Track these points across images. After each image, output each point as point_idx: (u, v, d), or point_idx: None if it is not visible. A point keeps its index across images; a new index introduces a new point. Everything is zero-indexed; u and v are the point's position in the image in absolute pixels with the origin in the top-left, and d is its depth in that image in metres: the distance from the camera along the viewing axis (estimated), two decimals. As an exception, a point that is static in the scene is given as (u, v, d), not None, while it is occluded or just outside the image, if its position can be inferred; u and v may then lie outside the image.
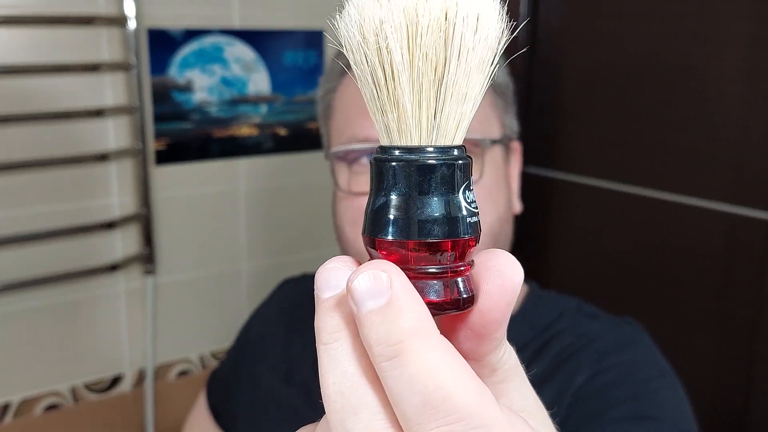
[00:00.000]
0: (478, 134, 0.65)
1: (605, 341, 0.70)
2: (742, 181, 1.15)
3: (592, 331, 0.71)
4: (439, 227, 0.29)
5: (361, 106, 0.64)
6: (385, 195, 0.30)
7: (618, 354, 0.69)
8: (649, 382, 0.67)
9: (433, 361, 0.25)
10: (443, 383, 0.25)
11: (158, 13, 1.50)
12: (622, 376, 0.67)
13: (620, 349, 0.70)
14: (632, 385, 0.67)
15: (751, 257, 1.13)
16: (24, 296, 1.44)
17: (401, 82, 0.30)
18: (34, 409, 1.50)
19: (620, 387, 0.66)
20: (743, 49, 1.12)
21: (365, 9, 0.31)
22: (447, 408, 0.25)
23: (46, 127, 1.40)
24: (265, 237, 1.74)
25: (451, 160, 0.31)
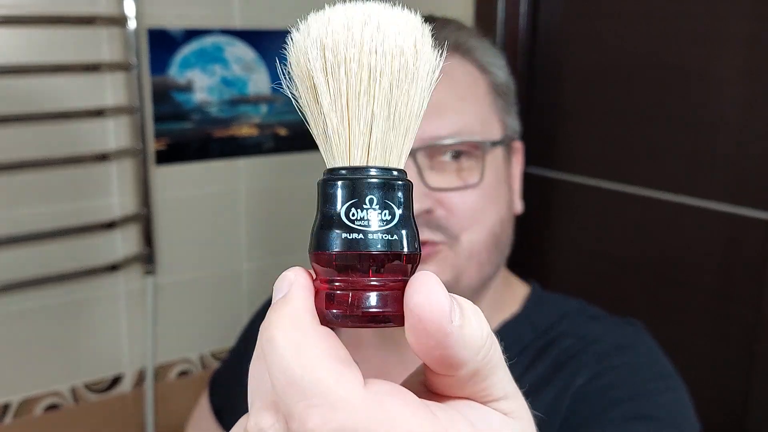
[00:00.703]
0: (479, 136, 0.65)
1: (606, 343, 0.70)
2: (741, 182, 1.15)
3: (594, 332, 0.71)
4: (322, 242, 0.33)
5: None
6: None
7: (618, 356, 0.69)
8: (649, 383, 0.67)
9: (299, 345, 0.28)
10: (306, 363, 0.28)
11: (158, 13, 1.50)
12: (622, 377, 0.67)
13: (621, 350, 0.70)
14: (632, 386, 0.67)
15: (750, 257, 1.14)
16: (24, 296, 1.44)
17: (324, 109, 0.34)
18: (34, 409, 1.50)
19: (620, 388, 0.66)
20: (743, 50, 1.12)
21: (301, 38, 0.36)
22: (306, 386, 0.27)
23: (45, 127, 1.40)
24: (266, 237, 1.74)
25: (333, 179, 0.34)
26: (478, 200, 0.65)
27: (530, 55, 1.43)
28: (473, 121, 0.64)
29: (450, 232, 0.64)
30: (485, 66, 0.67)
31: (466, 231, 0.65)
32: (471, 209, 0.64)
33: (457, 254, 0.65)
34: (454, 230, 0.64)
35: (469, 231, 0.65)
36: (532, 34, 1.43)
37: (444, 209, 0.64)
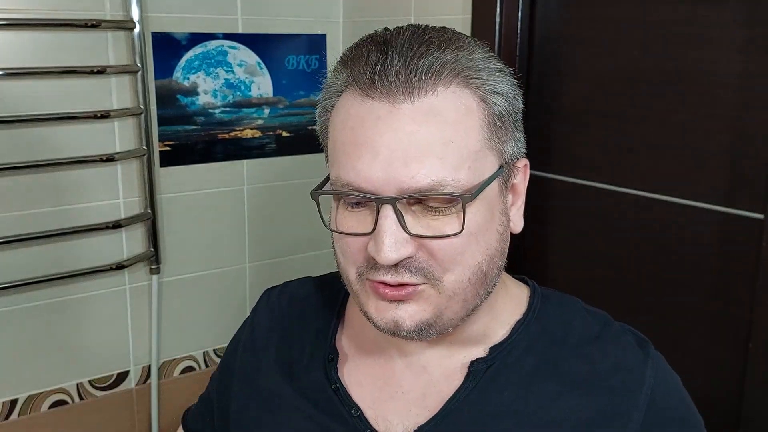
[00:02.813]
0: (463, 182, 0.60)
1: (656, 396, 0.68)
2: (735, 183, 1.17)
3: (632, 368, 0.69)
4: None
5: (343, 142, 0.61)
6: None
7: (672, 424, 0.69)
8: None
9: None
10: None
11: (163, 18, 1.52)
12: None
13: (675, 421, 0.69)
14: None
15: (744, 257, 1.16)
16: (31, 295, 1.46)
17: None
18: (41, 405, 1.52)
19: None
20: (737, 54, 1.14)
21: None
22: None
23: (52, 129, 1.43)
24: (268, 237, 1.76)
25: None
26: (461, 245, 0.61)
27: (527, 58, 1.46)
28: (458, 166, 0.59)
29: (430, 274, 0.61)
30: (485, 96, 0.62)
31: (449, 273, 0.62)
32: (453, 254, 0.61)
33: (440, 293, 0.62)
34: (435, 272, 0.61)
35: (451, 273, 0.62)
36: (529, 39, 1.45)
37: (425, 253, 0.61)
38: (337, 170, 0.62)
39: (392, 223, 0.59)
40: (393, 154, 0.58)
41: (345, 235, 0.63)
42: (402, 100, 0.59)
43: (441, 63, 0.60)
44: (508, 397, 0.68)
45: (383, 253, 0.59)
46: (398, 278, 0.61)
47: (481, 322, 0.70)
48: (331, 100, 0.66)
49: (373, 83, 0.60)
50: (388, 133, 0.59)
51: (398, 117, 0.59)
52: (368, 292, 0.64)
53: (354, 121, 0.61)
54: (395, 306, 0.63)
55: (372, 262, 0.61)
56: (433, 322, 0.63)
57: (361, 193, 0.60)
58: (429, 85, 0.59)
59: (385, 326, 0.63)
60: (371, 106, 0.60)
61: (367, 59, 0.61)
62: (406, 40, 0.61)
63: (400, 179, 0.58)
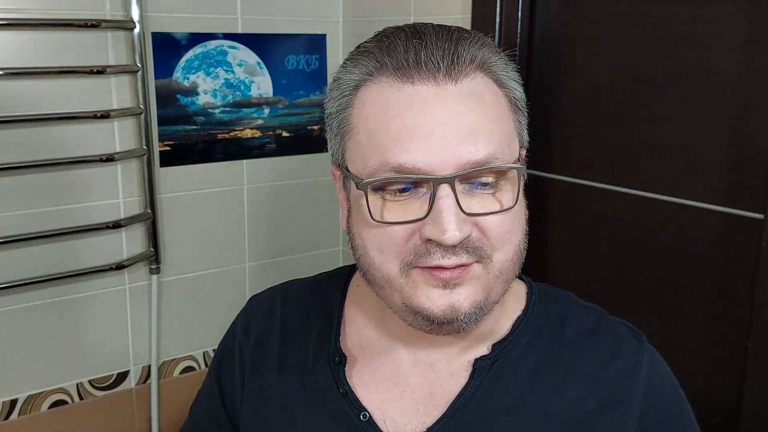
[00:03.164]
0: (509, 157, 0.64)
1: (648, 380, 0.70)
2: (735, 183, 1.17)
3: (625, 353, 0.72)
4: None
5: (387, 130, 0.62)
6: None
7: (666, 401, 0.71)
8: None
9: None
10: None
11: (163, 18, 1.52)
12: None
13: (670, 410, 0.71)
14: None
15: (744, 257, 1.16)
16: (31, 295, 1.46)
17: None
18: (41, 405, 1.52)
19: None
20: (738, 54, 1.14)
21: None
22: None
23: (52, 129, 1.43)
24: (268, 237, 1.76)
25: None
26: (510, 222, 0.64)
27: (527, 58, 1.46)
28: (503, 143, 0.63)
29: (483, 253, 0.63)
30: (504, 82, 0.66)
31: (498, 251, 0.64)
32: (504, 231, 0.64)
33: (489, 273, 0.64)
34: (487, 251, 0.63)
35: (500, 251, 0.64)
36: (529, 39, 1.45)
37: (479, 231, 0.63)
38: (381, 157, 0.62)
39: (452, 203, 0.60)
40: (447, 133, 0.60)
41: (391, 226, 0.63)
42: (446, 82, 0.61)
43: (472, 52, 0.63)
44: (513, 393, 0.69)
45: (449, 232, 0.59)
46: (456, 260, 0.61)
47: (494, 316, 0.71)
48: (348, 97, 0.66)
49: (418, 66, 0.61)
50: (439, 114, 0.60)
51: (446, 98, 0.61)
52: (417, 282, 0.63)
53: (396, 107, 0.62)
54: (449, 291, 0.63)
55: (425, 248, 0.61)
56: (484, 304, 0.64)
57: (415, 174, 0.60)
58: (468, 71, 0.62)
59: (442, 314, 0.63)
60: (413, 90, 0.61)
61: (407, 45, 0.62)
62: (437, 32, 0.63)
63: (458, 155, 0.60)
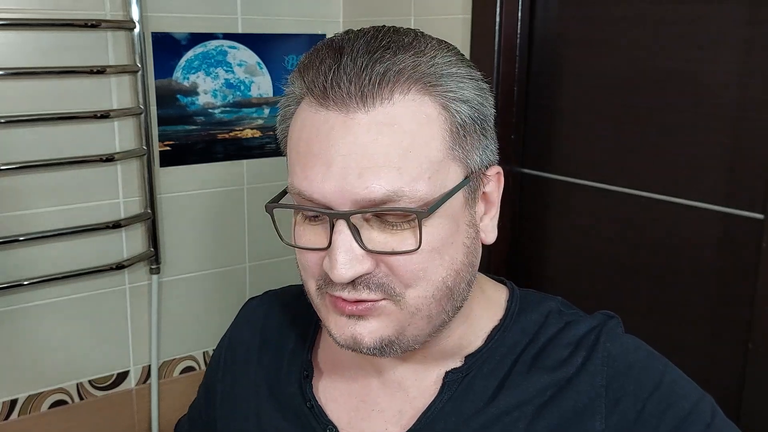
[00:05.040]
0: (423, 197, 0.57)
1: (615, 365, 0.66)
2: (735, 183, 1.17)
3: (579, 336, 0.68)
4: None
5: (297, 153, 0.60)
6: None
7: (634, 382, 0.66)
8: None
9: None
10: None
11: (163, 18, 1.53)
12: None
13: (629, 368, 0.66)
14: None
15: (744, 257, 1.16)
16: (30, 295, 1.46)
17: None
18: (41, 405, 1.52)
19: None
20: (737, 54, 1.14)
21: None
22: None
23: (53, 129, 1.43)
24: (268, 237, 1.76)
25: None
26: (422, 261, 0.58)
27: (527, 59, 1.46)
28: (417, 177, 0.56)
29: (390, 290, 0.59)
30: (447, 104, 0.59)
31: (411, 288, 0.59)
32: (414, 270, 0.58)
33: (401, 309, 0.59)
34: (395, 288, 0.59)
35: (414, 288, 0.59)
36: (529, 39, 1.45)
37: (384, 268, 0.58)
38: (291, 180, 0.61)
39: (346, 239, 0.57)
40: (347, 165, 0.56)
41: (304, 250, 0.62)
42: (356, 109, 0.56)
43: (397, 69, 0.57)
44: (480, 404, 0.66)
45: (336, 270, 0.57)
46: (355, 295, 0.59)
47: (456, 333, 0.68)
48: (291, 107, 0.63)
49: (326, 92, 0.57)
50: (341, 144, 0.56)
51: (352, 127, 0.56)
52: (328, 306, 0.62)
53: (309, 131, 0.59)
54: (354, 322, 0.60)
55: (329, 278, 0.59)
56: (395, 339, 0.61)
57: (315, 206, 0.59)
58: (385, 93, 0.56)
59: (344, 342, 0.61)
60: (325, 115, 0.58)
61: (320, 67, 0.58)
62: (362, 45, 0.58)
63: (353, 191, 0.56)
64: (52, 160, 1.42)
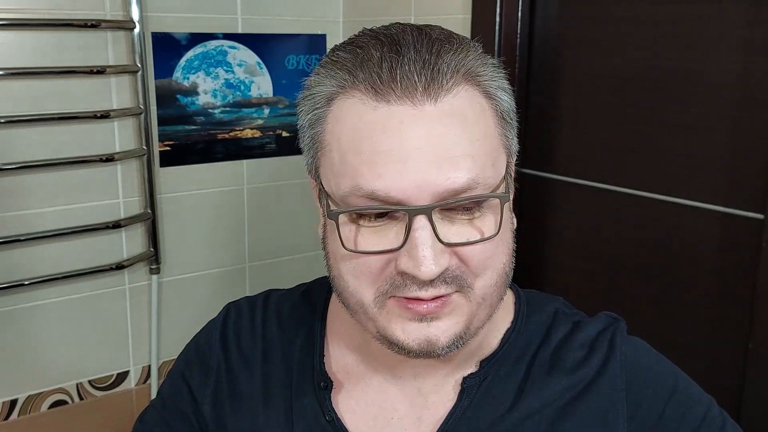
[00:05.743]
0: (492, 180, 0.58)
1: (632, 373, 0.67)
2: (735, 183, 1.17)
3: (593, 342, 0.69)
4: None
5: (359, 152, 0.56)
6: None
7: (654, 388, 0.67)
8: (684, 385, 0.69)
9: None
10: None
11: (163, 18, 1.53)
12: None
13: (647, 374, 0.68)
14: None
15: (744, 257, 1.16)
16: (31, 295, 1.46)
17: None
18: (41, 405, 1.52)
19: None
20: (737, 55, 1.15)
21: None
22: None
23: (53, 129, 1.43)
24: (268, 237, 1.76)
25: None
26: (492, 249, 0.59)
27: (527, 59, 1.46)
28: (486, 164, 0.58)
29: (463, 282, 0.59)
30: (491, 92, 0.60)
31: (480, 278, 0.59)
32: (485, 258, 0.59)
33: (470, 300, 0.60)
34: (467, 280, 0.59)
35: (482, 277, 0.60)
36: (529, 39, 1.45)
37: (458, 260, 0.58)
38: (353, 181, 0.57)
39: (429, 235, 0.55)
40: (424, 158, 0.55)
41: (365, 255, 0.58)
42: (424, 101, 0.56)
43: (455, 62, 0.58)
44: (502, 409, 0.66)
45: (425, 266, 0.55)
46: (434, 291, 0.57)
47: (481, 333, 0.67)
48: (321, 110, 0.61)
49: (394, 84, 0.56)
50: (415, 138, 0.55)
51: (423, 119, 0.56)
52: (391, 313, 0.59)
53: (371, 129, 0.56)
54: (426, 324, 0.59)
55: (401, 279, 0.57)
56: (464, 334, 0.60)
57: (389, 204, 0.56)
58: (449, 85, 0.57)
59: (418, 347, 0.59)
60: (389, 110, 0.56)
61: (381, 59, 0.57)
62: (416, 42, 0.58)
63: (435, 183, 0.55)
64: (52, 160, 1.42)
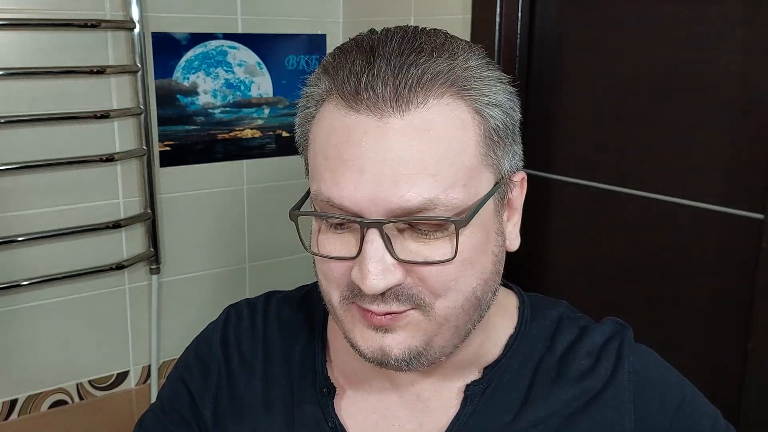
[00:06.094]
0: (457, 202, 0.55)
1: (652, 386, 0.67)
2: (735, 183, 1.17)
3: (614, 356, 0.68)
4: None
5: (325, 157, 0.56)
6: None
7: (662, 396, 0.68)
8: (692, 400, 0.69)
9: None
10: None
11: (163, 18, 1.53)
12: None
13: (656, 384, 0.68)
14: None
15: (744, 257, 1.16)
16: (31, 295, 1.46)
17: None
18: (41, 405, 1.52)
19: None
20: (737, 55, 1.15)
21: None
22: None
23: (53, 129, 1.43)
24: (268, 237, 1.76)
25: None
26: (454, 271, 0.56)
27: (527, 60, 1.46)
28: (454, 185, 0.55)
29: (420, 301, 0.57)
30: (480, 109, 0.57)
31: (441, 298, 0.57)
32: (445, 280, 0.56)
33: (430, 319, 0.58)
34: (425, 299, 0.57)
35: (443, 298, 0.57)
36: (529, 39, 1.45)
37: (414, 278, 0.56)
38: (317, 185, 0.57)
39: (378, 249, 0.54)
40: (381, 172, 0.53)
41: (327, 259, 0.59)
42: (390, 113, 0.54)
43: (433, 73, 0.55)
44: (507, 417, 0.65)
45: (368, 281, 0.54)
46: (385, 307, 0.56)
47: (476, 343, 0.66)
48: (312, 109, 0.60)
49: (359, 95, 0.54)
50: (375, 150, 0.54)
51: (386, 132, 0.54)
52: (354, 318, 0.59)
53: (338, 135, 0.56)
54: (382, 334, 0.58)
55: (357, 289, 0.57)
56: (423, 351, 0.59)
57: (344, 214, 0.55)
58: (420, 98, 0.54)
59: (372, 355, 0.59)
60: (356, 119, 0.55)
61: (352, 68, 0.55)
62: (395, 47, 0.55)
63: (388, 199, 0.54)
64: (52, 160, 1.42)
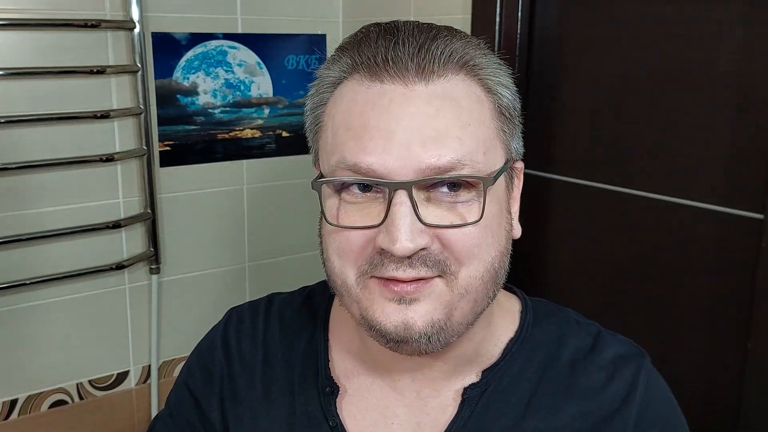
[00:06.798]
0: (481, 166, 0.58)
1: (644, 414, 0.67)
2: (735, 183, 1.17)
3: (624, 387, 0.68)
4: None
5: (349, 128, 0.58)
6: None
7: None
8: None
9: None
10: None
11: (163, 18, 1.53)
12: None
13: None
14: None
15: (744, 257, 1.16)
16: (31, 295, 1.46)
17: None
18: (41, 405, 1.52)
19: None
20: (738, 54, 1.15)
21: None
22: None
23: (53, 129, 1.43)
24: (268, 237, 1.76)
25: None
26: (477, 236, 0.58)
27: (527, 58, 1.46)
28: (476, 150, 0.58)
29: (446, 267, 0.58)
30: (492, 87, 0.61)
31: (464, 266, 0.58)
32: (470, 245, 0.58)
33: (452, 289, 0.59)
34: (450, 266, 0.58)
35: (467, 267, 0.59)
36: (529, 39, 1.45)
37: (440, 244, 0.58)
38: (340, 154, 0.58)
39: (408, 210, 0.55)
40: (410, 136, 0.56)
41: (347, 230, 0.59)
42: (415, 82, 0.57)
43: (451, 50, 0.59)
44: (505, 422, 0.65)
45: (399, 242, 0.55)
46: (413, 273, 0.57)
47: (477, 338, 0.67)
48: (325, 94, 0.63)
49: (387, 64, 0.57)
50: (403, 116, 0.56)
51: (413, 99, 0.57)
52: (373, 293, 0.59)
53: (362, 105, 0.58)
54: (405, 307, 0.58)
55: (380, 258, 0.57)
56: (444, 324, 0.59)
57: (371, 177, 0.56)
58: (441, 70, 0.58)
59: (394, 330, 0.59)
60: (381, 89, 0.58)
61: (377, 42, 0.59)
62: (414, 28, 0.60)
63: (418, 159, 0.55)
64: (52, 160, 1.42)
